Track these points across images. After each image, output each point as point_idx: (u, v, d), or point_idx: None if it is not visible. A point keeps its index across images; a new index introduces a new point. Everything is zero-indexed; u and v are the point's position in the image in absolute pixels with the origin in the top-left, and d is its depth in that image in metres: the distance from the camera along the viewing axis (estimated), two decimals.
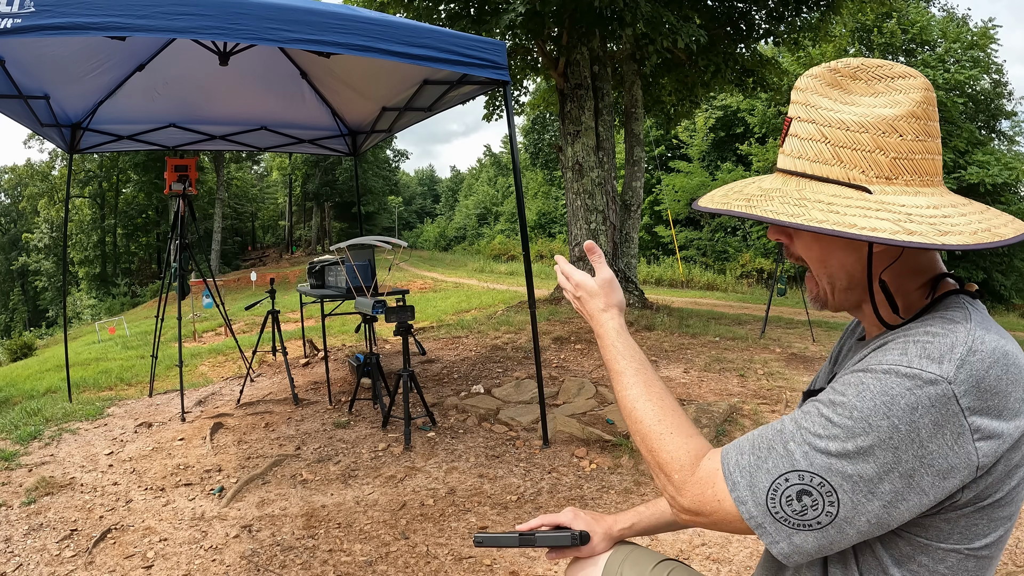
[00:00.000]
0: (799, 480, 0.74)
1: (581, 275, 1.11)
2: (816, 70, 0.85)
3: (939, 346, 0.73)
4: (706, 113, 26.59)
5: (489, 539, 1.14)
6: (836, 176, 0.80)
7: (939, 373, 0.71)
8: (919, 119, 0.78)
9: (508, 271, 23.55)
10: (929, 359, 0.72)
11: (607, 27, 7.85)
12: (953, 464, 0.71)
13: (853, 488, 0.72)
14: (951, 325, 0.76)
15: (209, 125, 5.94)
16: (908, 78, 0.81)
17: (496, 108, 10.82)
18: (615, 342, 1.02)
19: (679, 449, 0.87)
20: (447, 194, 64.57)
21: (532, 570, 2.47)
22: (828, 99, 0.82)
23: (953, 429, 0.70)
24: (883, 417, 0.71)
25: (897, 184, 0.79)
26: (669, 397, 0.95)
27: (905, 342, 0.76)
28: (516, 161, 3.88)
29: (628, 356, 1.00)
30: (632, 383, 0.97)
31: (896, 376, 0.72)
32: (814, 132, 0.82)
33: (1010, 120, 22.14)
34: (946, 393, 0.70)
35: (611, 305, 1.07)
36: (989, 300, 19.69)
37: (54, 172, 39.19)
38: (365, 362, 4.63)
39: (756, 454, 0.79)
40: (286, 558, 2.59)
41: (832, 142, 0.80)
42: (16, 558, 2.59)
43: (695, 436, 0.89)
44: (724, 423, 3.91)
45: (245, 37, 2.83)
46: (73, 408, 4.85)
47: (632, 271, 9.46)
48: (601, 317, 1.06)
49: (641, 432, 0.92)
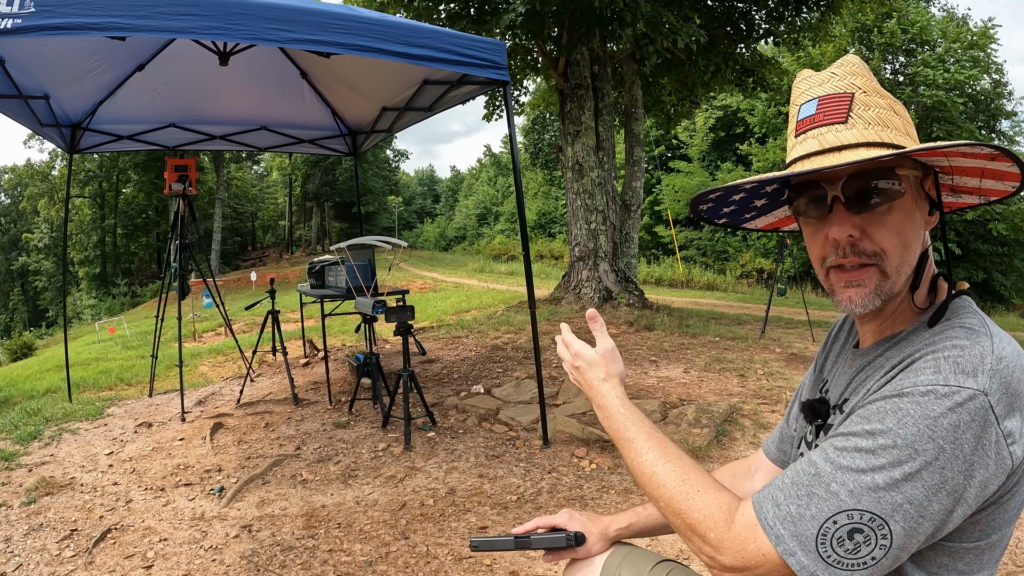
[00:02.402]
0: (848, 520, 0.72)
1: (581, 345, 1.08)
2: (859, 59, 0.88)
3: (970, 358, 0.73)
4: (706, 113, 26.60)
5: (485, 543, 1.14)
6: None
7: (976, 387, 0.71)
8: None
9: (508, 271, 23.54)
10: (964, 374, 0.72)
11: (607, 27, 7.85)
12: (993, 472, 0.72)
13: (905, 516, 0.71)
14: (974, 334, 0.76)
15: (209, 125, 5.95)
16: None
17: (496, 108, 10.82)
18: (620, 410, 0.98)
19: (710, 506, 0.82)
20: (447, 194, 64.56)
21: (532, 570, 2.47)
22: (876, 82, 0.86)
23: (991, 439, 0.71)
24: (928, 440, 0.70)
25: None
26: (686, 456, 0.91)
27: (935, 359, 0.75)
28: (516, 161, 3.88)
29: (636, 422, 0.96)
30: (646, 448, 0.92)
31: (936, 397, 0.71)
32: (886, 106, 0.84)
33: (1010, 120, 22.15)
34: (984, 405, 0.70)
35: (611, 375, 1.03)
36: (989, 300, 19.69)
37: (54, 172, 39.18)
38: (365, 362, 4.62)
39: (797, 502, 0.75)
40: (286, 558, 2.59)
41: (902, 118, 0.84)
42: (16, 558, 2.59)
43: (722, 490, 0.84)
44: (724, 423, 3.91)
45: (245, 37, 2.83)
46: (73, 408, 4.85)
47: (632, 271, 9.46)
48: (602, 387, 1.02)
49: (665, 497, 0.86)
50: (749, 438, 3.78)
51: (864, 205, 0.81)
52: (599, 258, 8.64)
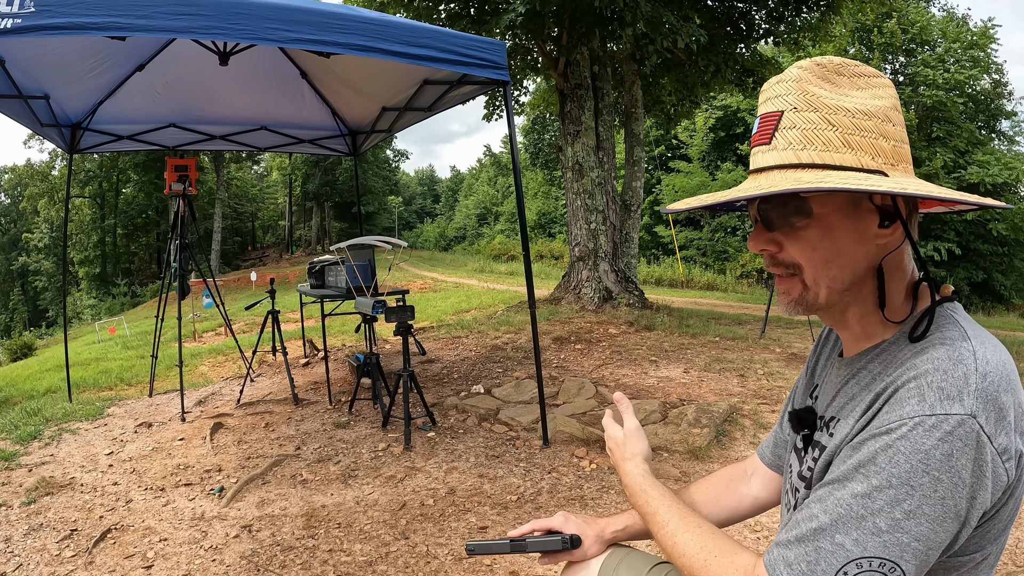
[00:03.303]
0: (858, 569, 0.72)
1: (613, 428, 1.19)
2: (805, 63, 0.84)
3: (954, 381, 0.72)
4: (706, 113, 26.60)
5: (481, 547, 1.15)
6: (850, 163, 0.78)
7: (963, 411, 0.70)
8: (899, 113, 0.82)
9: (508, 271, 23.55)
10: (950, 399, 0.71)
11: (607, 27, 7.86)
12: (992, 491, 0.72)
13: (914, 554, 0.71)
14: (954, 351, 0.75)
15: (209, 125, 5.95)
16: (880, 78, 0.84)
17: (496, 108, 10.82)
18: (643, 486, 1.04)
19: (727, 570, 0.85)
20: (447, 194, 64.58)
21: (532, 570, 2.47)
22: (823, 89, 0.82)
23: (987, 459, 0.70)
24: (922, 474, 0.70)
25: (898, 171, 0.79)
26: (706, 523, 0.94)
27: (919, 386, 0.73)
28: (516, 161, 3.88)
29: (658, 496, 1.01)
30: (668, 519, 0.96)
31: (924, 429, 0.70)
32: (818, 120, 0.79)
33: (1010, 120, 22.17)
34: (973, 428, 0.69)
35: (635, 454, 1.12)
36: (989, 300, 19.68)
37: (54, 172, 39.19)
38: (365, 362, 4.63)
39: (806, 559, 0.75)
40: (286, 558, 2.59)
41: (841, 128, 0.78)
42: (16, 558, 2.59)
43: (739, 553, 0.86)
44: (724, 423, 3.91)
45: (245, 37, 2.83)
46: (73, 408, 4.85)
47: (632, 271, 9.46)
48: (625, 466, 1.10)
49: (687, 565, 0.90)
50: (749, 438, 3.78)
51: (774, 224, 0.85)
52: (599, 258, 8.64)
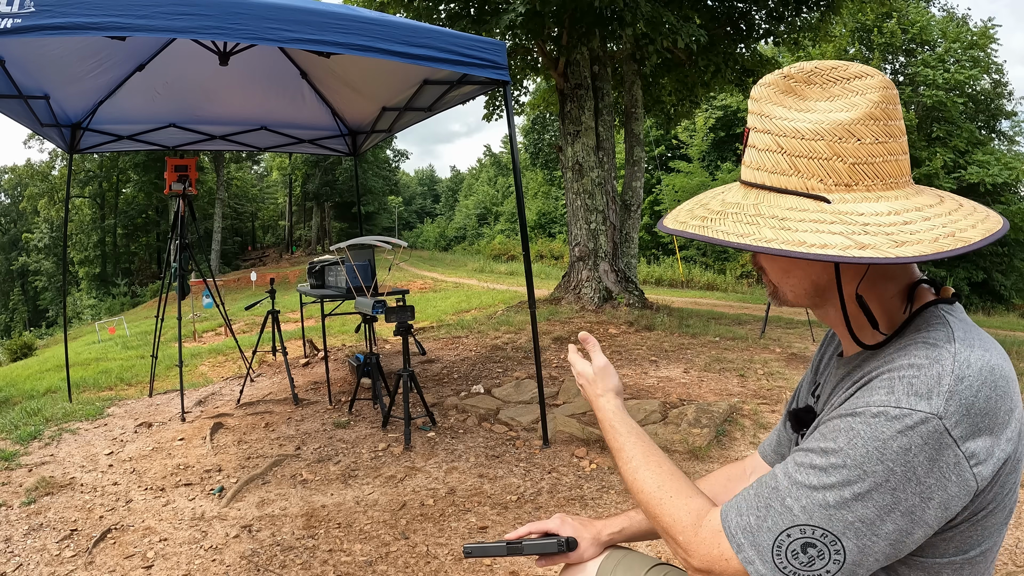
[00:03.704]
0: (801, 534, 0.74)
1: (582, 364, 1.19)
2: (769, 78, 0.83)
3: (926, 380, 0.72)
4: (706, 113, 26.61)
5: (478, 549, 1.16)
6: (794, 187, 0.78)
7: (929, 410, 0.70)
8: (878, 120, 0.76)
9: (508, 271, 23.55)
10: (917, 396, 0.71)
11: (607, 27, 7.86)
12: (953, 494, 0.71)
13: (856, 534, 0.72)
14: (935, 351, 0.74)
15: (209, 125, 5.94)
16: (865, 78, 0.78)
17: (496, 108, 10.82)
18: (613, 422, 1.07)
19: (680, 511, 0.88)
20: (447, 194, 64.57)
21: (532, 571, 2.47)
22: (783, 107, 0.80)
23: (949, 461, 0.70)
24: (877, 462, 0.70)
25: (857, 190, 0.76)
26: (668, 463, 0.97)
27: (891, 379, 0.74)
28: (516, 161, 3.88)
29: (626, 432, 1.04)
30: (632, 455, 1.00)
31: (886, 419, 0.71)
32: (770, 143, 0.79)
33: (1010, 120, 22.18)
34: (937, 429, 0.69)
35: (607, 390, 1.13)
36: (989, 300, 19.68)
37: (54, 172, 39.21)
38: (365, 362, 4.62)
39: (756, 513, 0.78)
40: (286, 558, 2.59)
41: (788, 152, 0.78)
42: (16, 558, 2.59)
43: (695, 496, 0.90)
44: (724, 423, 3.91)
45: (245, 37, 2.83)
46: (73, 408, 4.85)
47: (632, 271, 9.46)
48: (599, 402, 1.12)
49: (644, 500, 0.94)
50: (749, 438, 3.78)
51: None
52: (599, 258, 8.64)
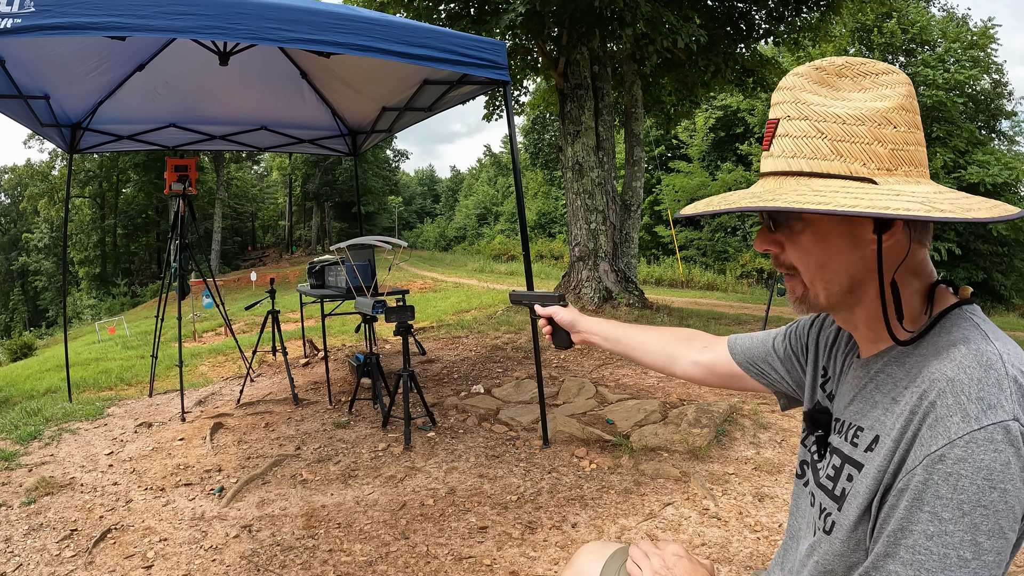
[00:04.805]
0: None
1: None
2: (802, 69, 0.84)
3: (990, 389, 0.72)
4: (706, 113, 26.59)
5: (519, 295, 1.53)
6: (837, 171, 0.78)
7: (1007, 416, 0.70)
8: (908, 111, 0.79)
9: (508, 271, 23.56)
10: (991, 408, 0.70)
11: (607, 27, 7.86)
12: None
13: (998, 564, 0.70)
14: (982, 355, 0.75)
15: (209, 125, 5.94)
16: (891, 74, 0.81)
17: (496, 108, 10.81)
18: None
19: None
20: (447, 194, 64.53)
21: (532, 570, 2.47)
22: (818, 96, 0.81)
23: None
24: (990, 491, 0.68)
25: (897, 175, 0.78)
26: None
27: (958, 400, 0.72)
28: (516, 161, 3.88)
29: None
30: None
31: (977, 445, 0.69)
32: (808, 129, 0.80)
33: (1010, 120, 22.17)
34: (1019, 432, 0.69)
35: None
36: (989, 300, 19.68)
37: (54, 172, 39.20)
38: (365, 362, 4.62)
39: None
40: (286, 558, 2.59)
41: (829, 136, 0.78)
42: (16, 558, 2.59)
43: None
44: (724, 423, 3.91)
45: (245, 37, 2.83)
46: (73, 408, 4.85)
47: (632, 271, 9.46)
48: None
49: None
50: (749, 438, 3.77)
51: (777, 226, 0.88)
52: (599, 258, 8.64)
